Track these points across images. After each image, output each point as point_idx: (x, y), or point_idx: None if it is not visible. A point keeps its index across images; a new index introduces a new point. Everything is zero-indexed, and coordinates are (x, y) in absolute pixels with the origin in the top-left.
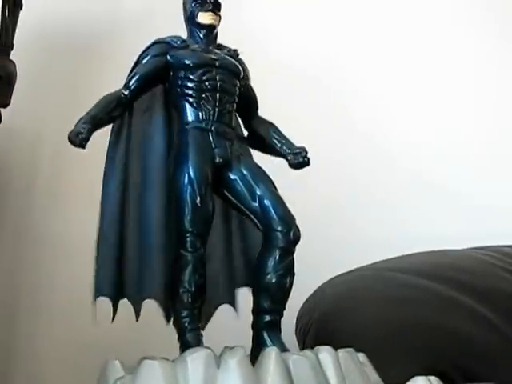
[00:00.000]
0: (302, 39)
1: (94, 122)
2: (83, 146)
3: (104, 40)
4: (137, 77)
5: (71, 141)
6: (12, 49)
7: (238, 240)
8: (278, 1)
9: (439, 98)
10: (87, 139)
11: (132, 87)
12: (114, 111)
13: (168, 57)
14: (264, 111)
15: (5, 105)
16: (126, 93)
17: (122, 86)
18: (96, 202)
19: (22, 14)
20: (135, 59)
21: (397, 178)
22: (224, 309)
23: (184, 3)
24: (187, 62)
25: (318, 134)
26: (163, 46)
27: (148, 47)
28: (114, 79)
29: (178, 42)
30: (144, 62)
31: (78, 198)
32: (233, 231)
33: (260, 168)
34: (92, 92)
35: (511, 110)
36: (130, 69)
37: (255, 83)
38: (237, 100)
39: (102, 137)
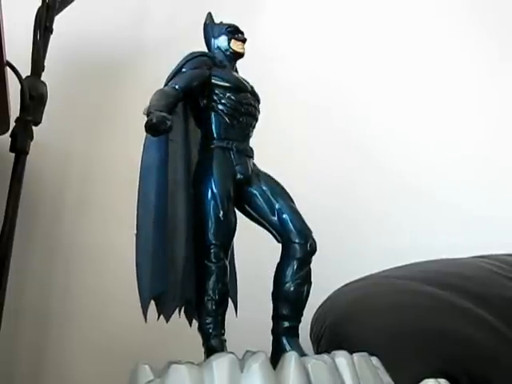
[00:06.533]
0: (312, 65)
1: (169, 111)
2: (168, 131)
3: (128, 63)
4: (185, 79)
5: (157, 125)
6: (43, 70)
7: None
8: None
9: (442, 114)
10: (172, 127)
11: (183, 86)
12: (175, 104)
13: (212, 72)
14: (275, 134)
15: (37, 123)
16: (179, 89)
17: (144, 106)
18: (119, 215)
19: (52, 38)
20: (173, 69)
21: (404, 194)
22: (244, 316)
23: (209, 28)
24: (230, 82)
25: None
26: (208, 60)
27: (192, 57)
28: (137, 99)
29: (218, 61)
30: (189, 69)
31: (103, 211)
32: None
33: (278, 184)
34: (116, 111)
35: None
36: (150, 90)
37: (264, 106)
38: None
39: (126, 153)
